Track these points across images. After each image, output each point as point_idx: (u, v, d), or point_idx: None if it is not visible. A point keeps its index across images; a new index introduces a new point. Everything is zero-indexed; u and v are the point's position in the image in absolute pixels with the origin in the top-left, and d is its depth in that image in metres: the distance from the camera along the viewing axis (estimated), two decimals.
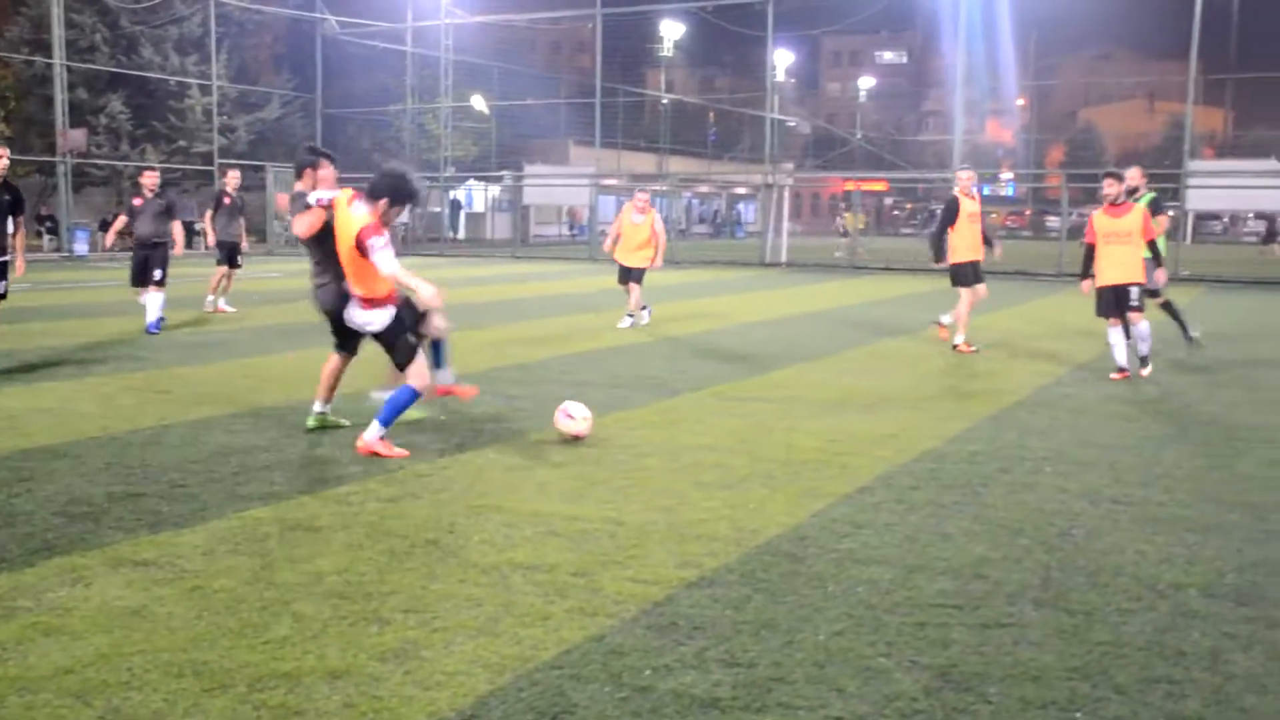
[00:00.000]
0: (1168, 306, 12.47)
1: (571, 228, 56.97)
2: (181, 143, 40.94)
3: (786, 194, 37.83)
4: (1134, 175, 13.00)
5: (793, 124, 77.03)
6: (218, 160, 40.00)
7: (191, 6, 40.44)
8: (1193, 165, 31.05)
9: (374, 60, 45.35)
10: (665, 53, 63.63)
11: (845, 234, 39.90)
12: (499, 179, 47.18)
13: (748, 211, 73.52)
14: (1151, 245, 11.35)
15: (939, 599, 4.64)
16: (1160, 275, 11.57)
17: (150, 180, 14.41)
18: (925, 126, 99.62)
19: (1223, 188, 31.25)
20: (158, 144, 40.46)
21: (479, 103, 48.83)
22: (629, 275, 15.75)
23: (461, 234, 51.71)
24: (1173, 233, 43.60)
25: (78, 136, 34.70)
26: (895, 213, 77.37)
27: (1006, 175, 71.13)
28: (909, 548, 5.33)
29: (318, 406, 8.05)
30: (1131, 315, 11.15)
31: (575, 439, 7.57)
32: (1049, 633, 4.29)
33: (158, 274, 13.78)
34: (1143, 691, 3.79)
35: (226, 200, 17.12)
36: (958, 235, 12.79)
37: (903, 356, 12.51)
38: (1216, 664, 4.02)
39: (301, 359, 11.68)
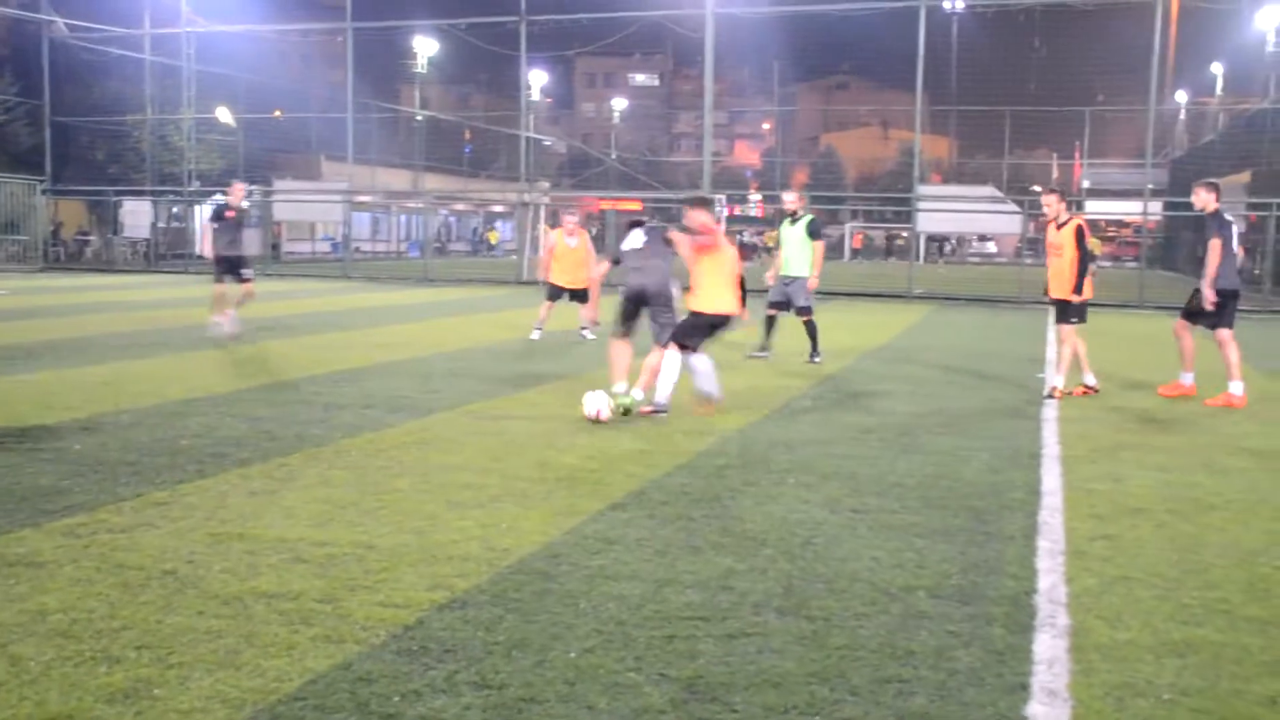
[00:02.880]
0: (810, 324, 14.08)
1: (273, 244, 52.55)
2: None
3: (543, 212, 37.99)
4: (794, 199, 14.51)
5: (548, 143, 77.59)
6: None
7: None
8: (922, 190, 33.03)
9: (109, 67, 42.92)
10: (420, 69, 62.95)
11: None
12: (248, 194, 45.49)
13: (505, 229, 73.47)
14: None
15: (687, 611, 4.75)
16: (812, 284, 13.97)
17: None
18: (677, 147, 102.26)
19: (949, 211, 33.44)
20: None
21: (224, 115, 46.96)
22: (572, 295, 16.48)
23: (208, 250, 49.51)
24: (904, 253, 46.06)
25: None
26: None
27: (755, 196, 73.77)
28: (659, 562, 5.43)
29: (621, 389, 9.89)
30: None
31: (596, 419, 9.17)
32: (790, 639, 4.46)
33: None
34: (875, 691, 3.98)
35: (229, 214, 15.91)
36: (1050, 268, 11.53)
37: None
38: (941, 661, 4.27)
39: (20, 382, 10.94)
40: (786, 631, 4.54)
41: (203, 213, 45.49)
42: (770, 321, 14.35)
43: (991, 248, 73.07)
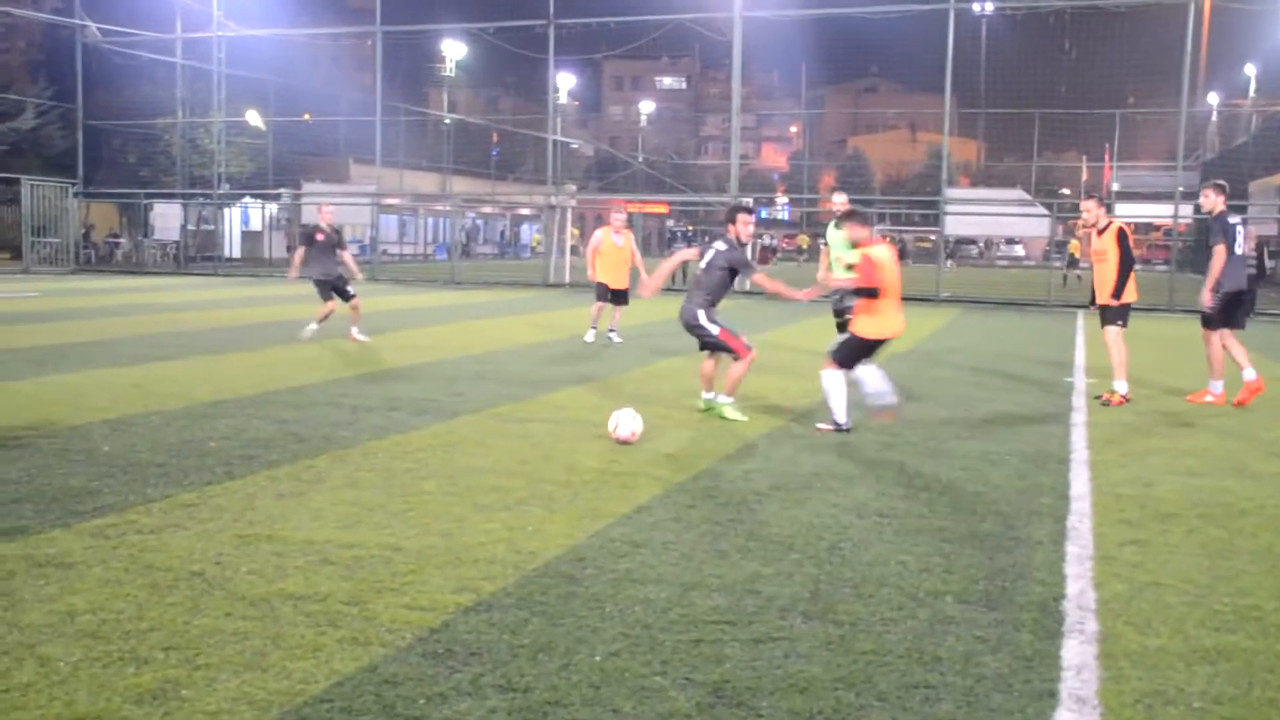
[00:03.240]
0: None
1: (289, 249, 52.09)
2: None
3: (569, 215, 38.07)
4: (844, 201, 14.38)
5: (575, 146, 77.73)
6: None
7: None
8: (950, 193, 32.87)
9: (141, 71, 43.31)
10: (448, 72, 63.26)
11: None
12: (276, 197, 45.79)
13: (531, 232, 73.70)
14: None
15: (713, 616, 4.73)
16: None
17: None
18: (704, 151, 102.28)
19: (976, 214, 33.28)
20: None
21: (254, 118, 47.27)
22: (612, 296, 16.31)
23: (237, 252, 49.83)
24: (932, 256, 45.92)
25: None
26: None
27: (782, 199, 73.71)
28: (685, 566, 5.42)
29: (705, 395, 9.96)
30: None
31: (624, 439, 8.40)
32: (817, 644, 4.44)
33: None
34: (902, 697, 3.96)
35: (319, 236, 15.84)
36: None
37: (679, 376, 12.72)
38: (968, 666, 4.24)
39: (51, 384, 11.03)
40: (813, 636, 4.52)
41: (232, 216, 45.89)
42: (842, 328, 14.30)
43: (1019, 251, 72.67)
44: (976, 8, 35.65)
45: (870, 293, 9.14)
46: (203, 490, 6.72)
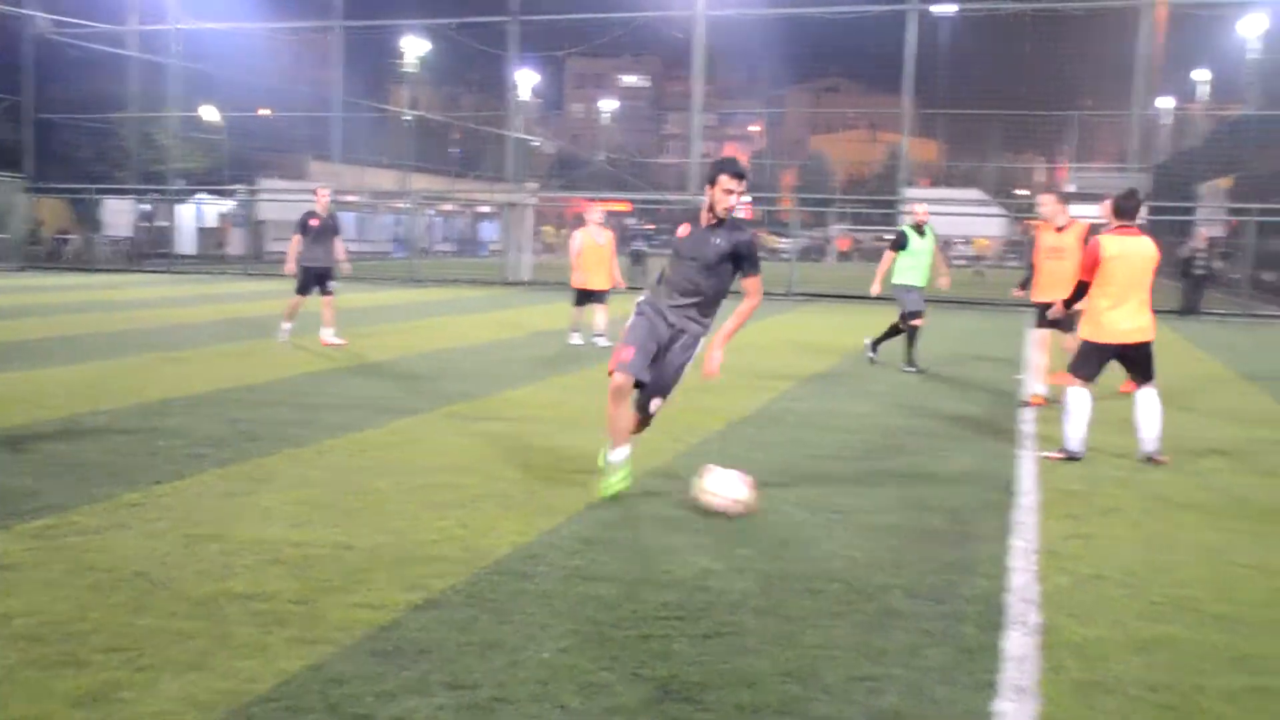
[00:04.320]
0: (899, 329, 14.07)
1: (219, 245, 47.10)
2: None
3: (530, 213, 37.98)
4: (925, 210, 14.24)
5: (537, 144, 77.53)
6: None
7: None
8: (908, 193, 33.09)
9: (94, 64, 42.75)
10: (409, 68, 62.90)
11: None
12: (232, 193, 45.33)
13: (490, 230, 73.47)
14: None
15: (663, 612, 4.75)
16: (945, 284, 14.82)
17: None
18: (666, 149, 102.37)
19: (935, 215, 33.46)
20: None
21: (210, 113, 46.81)
22: (590, 298, 15.75)
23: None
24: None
25: None
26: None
27: (746, 198, 73.77)
28: (636, 562, 5.44)
29: None
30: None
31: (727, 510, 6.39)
32: (765, 639, 4.47)
33: None
34: (847, 690, 3.99)
35: (314, 222, 15.07)
36: (1041, 271, 11.21)
37: None
38: (913, 659, 4.29)
39: (6, 383, 10.89)
40: (762, 631, 4.55)
41: (181, 212, 45.39)
42: (913, 332, 13.96)
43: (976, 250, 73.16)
44: (936, 9, 35.91)
45: (1081, 288, 8.39)
46: (149, 490, 6.66)
